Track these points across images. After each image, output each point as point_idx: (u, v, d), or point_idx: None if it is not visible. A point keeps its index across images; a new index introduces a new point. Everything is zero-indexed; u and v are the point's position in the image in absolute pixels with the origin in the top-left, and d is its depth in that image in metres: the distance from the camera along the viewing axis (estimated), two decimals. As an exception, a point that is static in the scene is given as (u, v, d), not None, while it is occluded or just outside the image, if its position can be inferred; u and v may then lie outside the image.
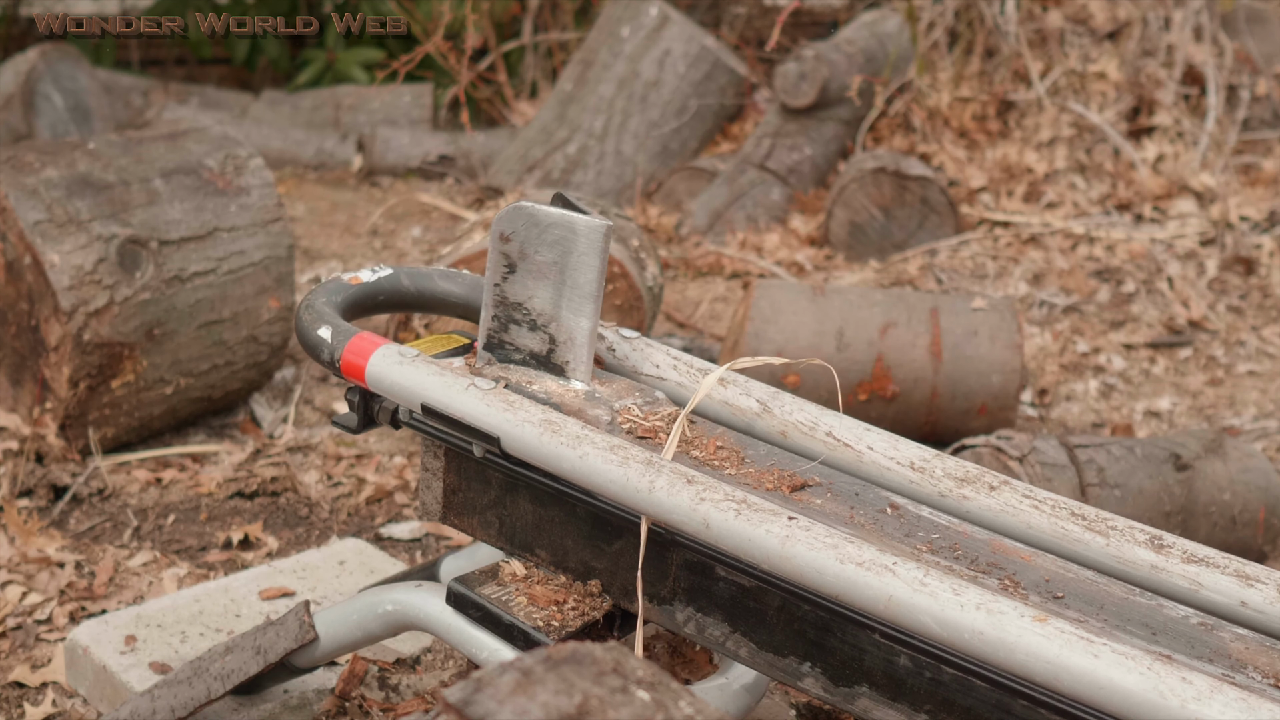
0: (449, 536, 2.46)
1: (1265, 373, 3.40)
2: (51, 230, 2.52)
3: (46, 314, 2.52)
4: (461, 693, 0.68)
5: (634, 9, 4.80)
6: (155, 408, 2.70)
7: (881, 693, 1.21)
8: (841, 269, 3.96)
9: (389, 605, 1.57)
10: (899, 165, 4.07)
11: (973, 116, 4.60)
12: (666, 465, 1.26)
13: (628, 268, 2.59)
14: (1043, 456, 2.20)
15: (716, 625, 1.34)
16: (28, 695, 2.00)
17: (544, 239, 1.43)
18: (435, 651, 1.96)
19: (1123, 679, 0.99)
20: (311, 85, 5.84)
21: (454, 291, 1.66)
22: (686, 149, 4.80)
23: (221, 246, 2.74)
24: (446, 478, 1.55)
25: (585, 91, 4.78)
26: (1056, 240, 4.09)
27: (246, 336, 2.81)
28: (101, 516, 2.49)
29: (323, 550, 2.27)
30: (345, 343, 1.47)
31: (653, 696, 0.70)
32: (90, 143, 2.72)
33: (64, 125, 4.94)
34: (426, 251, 4.14)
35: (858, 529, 1.25)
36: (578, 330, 1.45)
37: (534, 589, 1.47)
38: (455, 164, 5.00)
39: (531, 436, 1.33)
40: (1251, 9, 4.78)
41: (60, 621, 2.16)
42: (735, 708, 1.51)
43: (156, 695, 1.71)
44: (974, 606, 1.06)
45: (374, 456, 2.74)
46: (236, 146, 2.87)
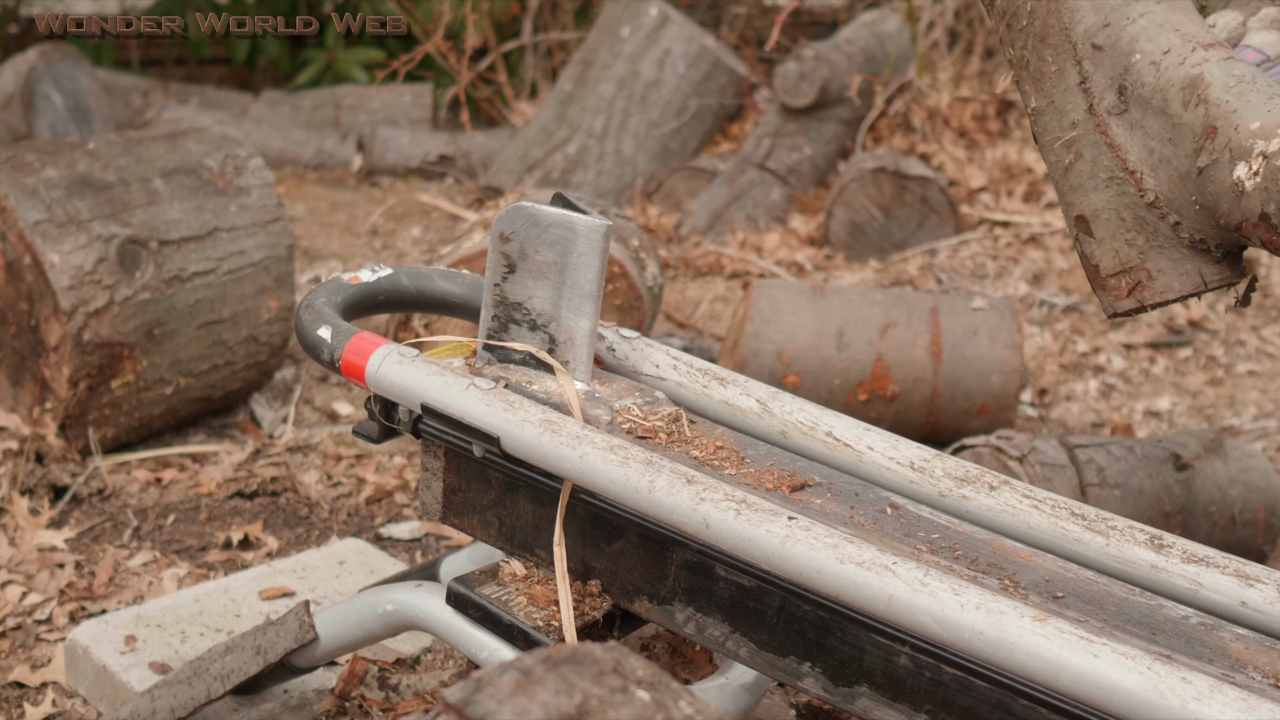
0: (449, 536, 2.46)
1: (1265, 372, 3.40)
2: (51, 230, 2.52)
3: (46, 314, 2.52)
4: (461, 693, 0.68)
5: (634, 9, 4.80)
6: (155, 408, 2.70)
7: (881, 692, 1.21)
8: (841, 269, 3.96)
9: (389, 605, 1.57)
10: (899, 165, 4.07)
11: (973, 116, 4.60)
12: (666, 465, 1.26)
13: (628, 268, 2.59)
14: (1043, 456, 2.20)
15: (716, 625, 1.34)
16: (28, 695, 2.00)
17: (544, 239, 1.43)
18: (435, 651, 1.96)
19: (1123, 679, 0.99)
20: (311, 85, 5.84)
21: (454, 291, 1.66)
22: (686, 149, 4.80)
23: (221, 246, 2.74)
24: (446, 478, 1.55)
25: (585, 91, 4.78)
26: (1056, 240, 4.09)
27: (246, 336, 2.81)
28: (101, 516, 2.49)
29: (323, 550, 2.27)
30: (345, 342, 1.48)
31: (653, 696, 0.70)
32: (90, 143, 2.72)
33: (64, 125, 4.94)
34: (426, 251, 4.14)
35: (858, 529, 1.25)
36: (578, 330, 1.45)
37: (534, 589, 1.47)
38: (455, 164, 5.00)
39: (531, 436, 1.33)
40: (1251, 9, 4.77)
41: (60, 621, 2.16)
42: (735, 708, 1.51)
43: (156, 695, 1.71)
44: (974, 606, 1.06)
45: (374, 456, 2.74)
46: (236, 146, 2.87)
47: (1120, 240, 1.21)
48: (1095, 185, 1.22)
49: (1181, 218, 1.18)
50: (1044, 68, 1.26)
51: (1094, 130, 1.22)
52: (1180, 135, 1.15)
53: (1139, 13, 1.22)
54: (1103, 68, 1.22)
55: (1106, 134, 1.21)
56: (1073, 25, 1.25)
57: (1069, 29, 1.25)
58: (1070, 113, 1.24)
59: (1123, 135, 1.20)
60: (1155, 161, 1.18)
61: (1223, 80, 1.13)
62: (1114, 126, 1.20)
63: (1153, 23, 1.21)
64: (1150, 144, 1.18)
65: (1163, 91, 1.17)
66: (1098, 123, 1.22)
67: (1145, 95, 1.18)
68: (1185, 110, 1.15)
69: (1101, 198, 1.22)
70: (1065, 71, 1.24)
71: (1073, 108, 1.24)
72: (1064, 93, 1.24)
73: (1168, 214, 1.19)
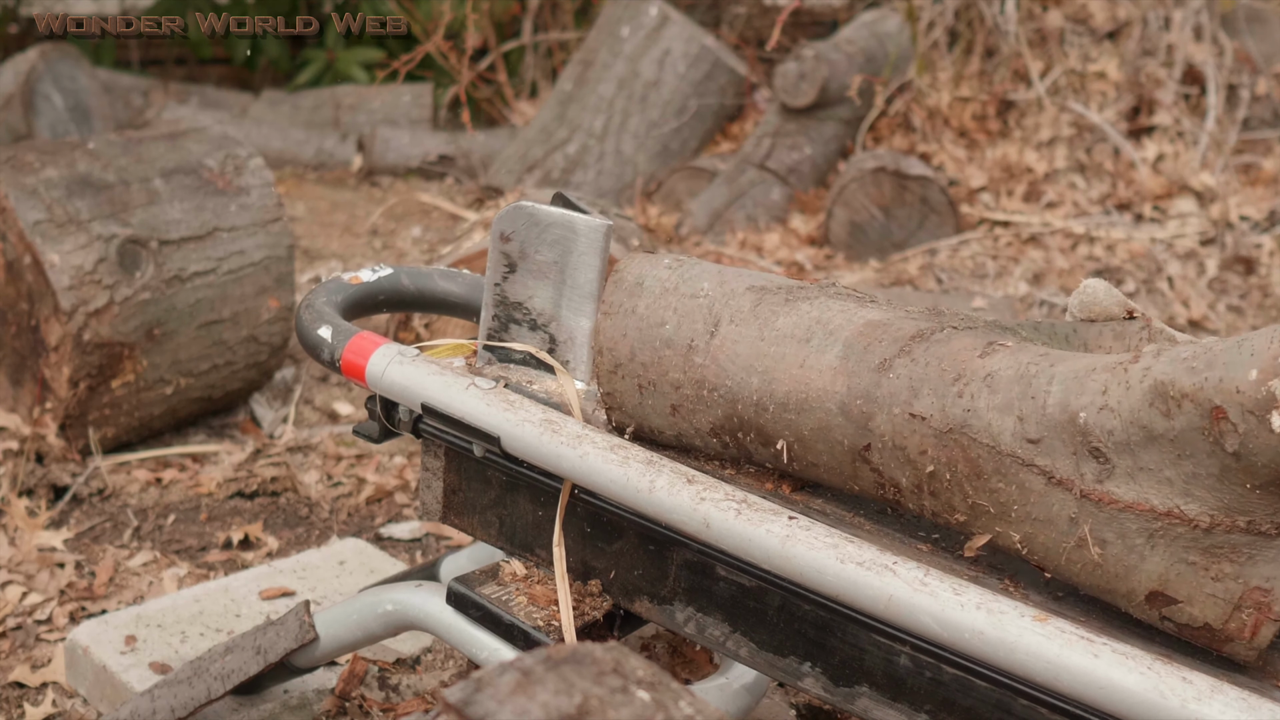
0: (449, 536, 2.46)
1: (1265, 372, 3.39)
2: (51, 230, 2.52)
3: (46, 314, 2.52)
4: (461, 693, 0.68)
5: (634, 9, 4.80)
6: (155, 408, 2.70)
7: (882, 692, 1.21)
8: (841, 268, 3.96)
9: (389, 605, 1.57)
10: (899, 165, 4.07)
11: (973, 116, 4.60)
12: (667, 465, 1.26)
13: (628, 267, 2.59)
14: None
15: (716, 625, 1.34)
16: (28, 695, 2.00)
17: (544, 239, 1.43)
18: (435, 651, 1.96)
19: (1123, 679, 0.99)
20: (311, 85, 5.84)
21: (454, 291, 1.66)
22: (686, 149, 4.80)
23: (221, 246, 2.74)
24: (446, 477, 1.55)
25: (585, 91, 4.78)
26: (1056, 240, 4.09)
27: (246, 336, 2.81)
28: (101, 516, 2.49)
29: (323, 550, 2.27)
30: (345, 342, 1.48)
31: (653, 696, 0.70)
32: (90, 143, 2.72)
33: (64, 125, 4.94)
34: (426, 251, 4.14)
35: (858, 529, 1.25)
36: (578, 330, 1.45)
37: (534, 589, 1.47)
38: (455, 164, 5.00)
39: (531, 436, 1.33)
40: (1251, 9, 4.78)
41: (60, 621, 2.16)
42: (735, 708, 1.51)
43: (156, 695, 1.70)
44: (974, 606, 1.06)
45: (374, 456, 2.74)
46: (236, 146, 2.87)
47: (1207, 583, 1.03)
48: (1141, 556, 1.05)
49: (1250, 512, 1.01)
50: (1001, 497, 1.10)
51: (1098, 508, 1.06)
52: (1188, 443, 1.00)
53: (1047, 380, 1.08)
54: (1057, 450, 1.07)
55: (1116, 502, 1.05)
56: (997, 440, 1.09)
57: (996, 445, 1.09)
58: (1060, 512, 1.07)
59: (1130, 490, 1.04)
60: (1184, 486, 1.02)
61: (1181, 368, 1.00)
62: (1115, 489, 1.05)
63: (1068, 374, 1.07)
64: (1164, 474, 1.02)
65: (1136, 422, 1.02)
66: (1096, 498, 1.05)
67: (1122, 439, 1.03)
68: (1172, 419, 1.01)
69: (1157, 561, 1.04)
70: (1025, 483, 1.09)
71: (1058, 506, 1.07)
72: (1039, 502, 1.09)
73: (1235, 520, 1.02)
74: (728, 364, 1.24)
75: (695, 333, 1.27)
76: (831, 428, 1.18)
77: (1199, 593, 1.03)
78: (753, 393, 1.22)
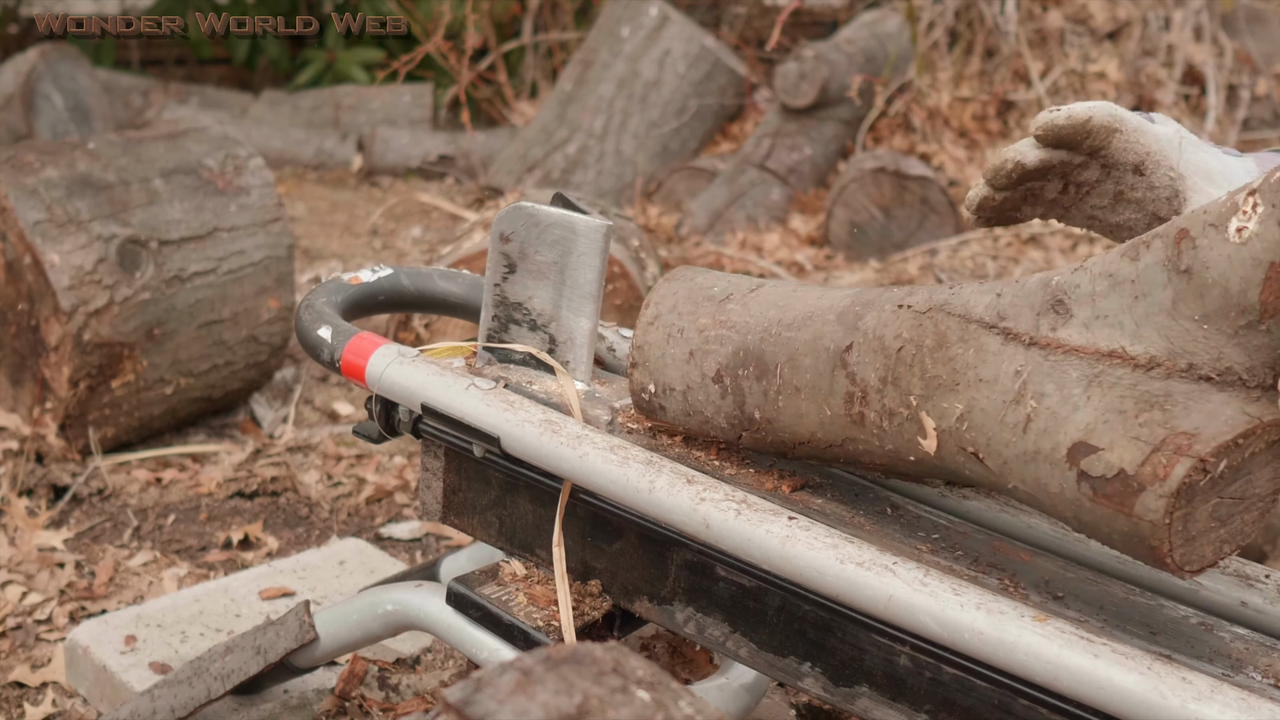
0: (449, 536, 2.46)
1: (1265, 373, 3.39)
2: (51, 230, 2.52)
3: (46, 314, 2.52)
4: (461, 693, 0.68)
5: (634, 9, 4.81)
6: (155, 408, 2.70)
7: (882, 692, 1.21)
8: (841, 269, 3.96)
9: (389, 605, 1.57)
10: (899, 165, 4.07)
11: (973, 116, 4.60)
12: (667, 465, 1.26)
13: (628, 268, 2.59)
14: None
15: (716, 625, 1.34)
16: (28, 695, 2.00)
17: (544, 239, 1.43)
18: (435, 651, 1.96)
19: (1123, 679, 0.99)
20: (311, 85, 5.84)
21: (454, 291, 1.66)
22: (686, 149, 4.80)
23: (221, 246, 2.74)
24: (446, 477, 1.55)
25: (585, 91, 4.78)
26: (1056, 240, 4.09)
27: (246, 336, 2.81)
28: (101, 516, 2.49)
29: (323, 550, 2.27)
30: (345, 343, 1.48)
31: (653, 696, 0.70)
32: (90, 143, 2.72)
33: (64, 125, 4.94)
34: (426, 251, 4.14)
35: (858, 529, 1.25)
36: (578, 330, 1.45)
37: (534, 589, 1.47)
38: (455, 164, 5.00)
39: (531, 436, 1.33)
40: (1251, 9, 4.78)
41: (60, 621, 2.16)
42: (735, 708, 1.51)
43: (156, 695, 1.71)
44: (974, 606, 1.06)
45: (374, 456, 2.74)
46: (236, 146, 2.87)
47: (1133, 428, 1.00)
48: (1074, 406, 1.02)
49: (1193, 353, 0.99)
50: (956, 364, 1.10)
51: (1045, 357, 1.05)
52: (1148, 280, 1.01)
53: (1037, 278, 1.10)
54: (1023, 313, 1.07)
55: (1063, 346, 1.04)
56: (970, 311, 1.10)
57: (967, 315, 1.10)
58: (1006, 368, 1.06)
59: (1081, 336, 1.04)
60: (1134, 329, 1.01)
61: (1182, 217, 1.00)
62: (1066, 335, 1.04)
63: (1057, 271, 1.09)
64: (1119, 319, 1.02)
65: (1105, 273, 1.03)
66: (1045, 344, 1.05)
67: (1087, 290, 1.04)
68: (1139, 260, 1.01)
69: (1090, 410, 1.02)
70: (983, 344, 1.09)
71: (1007, 362, 1.06)
72: (990, 362, 1.08)
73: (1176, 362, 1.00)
74: (755, 307, 1.31)
75: (738, 290, 1.35)
76: (823, 335, 1.22)
77: (1122, 437, 1.00)
78: (769, 324, 1.28)
